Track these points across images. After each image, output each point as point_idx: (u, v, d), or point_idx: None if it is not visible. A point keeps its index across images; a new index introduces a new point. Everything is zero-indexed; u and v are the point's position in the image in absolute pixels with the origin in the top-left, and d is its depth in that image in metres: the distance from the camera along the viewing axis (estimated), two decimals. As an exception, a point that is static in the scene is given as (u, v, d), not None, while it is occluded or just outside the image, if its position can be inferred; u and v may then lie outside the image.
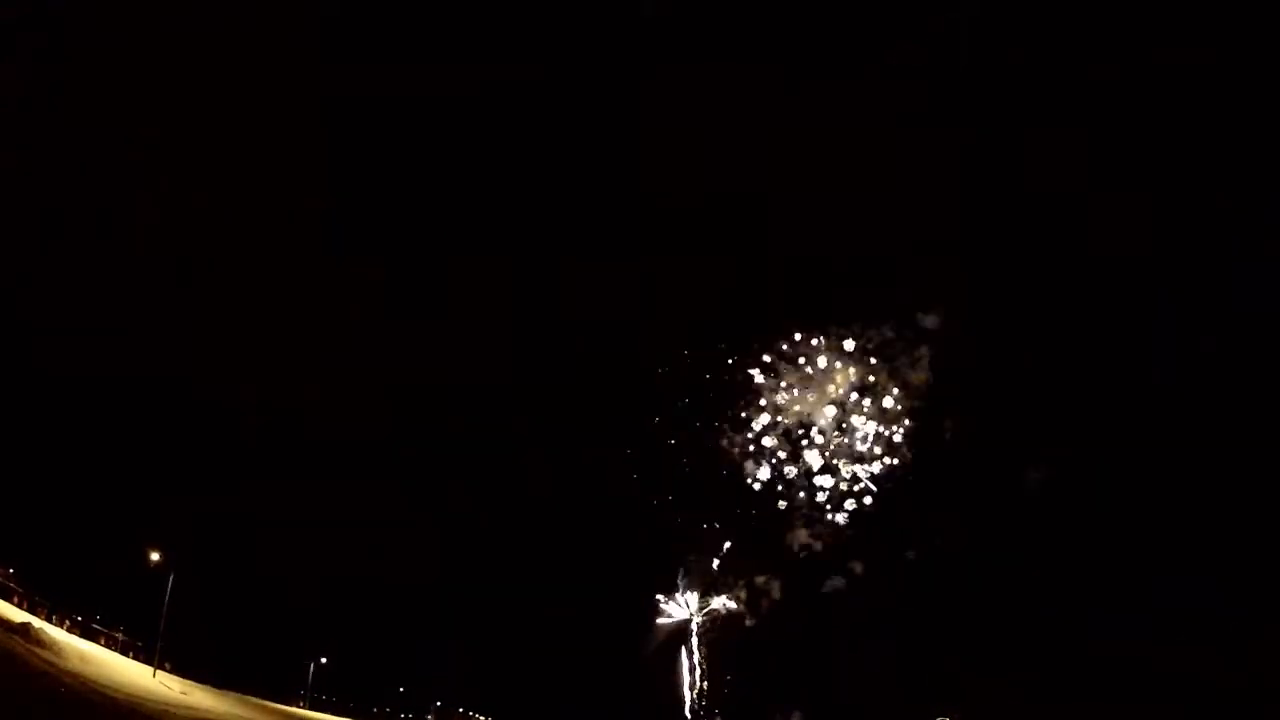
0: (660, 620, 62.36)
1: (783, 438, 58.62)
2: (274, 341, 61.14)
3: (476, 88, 55.30)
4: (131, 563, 52.44)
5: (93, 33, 50.72)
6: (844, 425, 56.94)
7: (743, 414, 58.76)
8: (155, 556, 51.53)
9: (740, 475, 59.53)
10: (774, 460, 58.84)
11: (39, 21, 48.24)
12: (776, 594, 59.17)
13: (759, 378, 58.15)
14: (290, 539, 68.19)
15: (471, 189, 60.32)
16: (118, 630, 55.13)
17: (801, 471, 58.14)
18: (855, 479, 56.15)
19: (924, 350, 53.87)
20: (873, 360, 55.78)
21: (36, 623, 43.96)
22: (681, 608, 62.00)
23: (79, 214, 55.69)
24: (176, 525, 57.03)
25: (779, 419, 58.14)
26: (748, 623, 59.44)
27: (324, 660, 72.45)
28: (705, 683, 60.30)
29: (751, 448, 59.10)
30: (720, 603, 61.09)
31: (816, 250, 52.32)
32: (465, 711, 78.68)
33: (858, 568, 55.79)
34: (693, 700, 60.56)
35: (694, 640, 61.49)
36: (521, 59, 53.93)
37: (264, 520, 67.85)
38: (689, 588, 61.95)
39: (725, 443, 59.44)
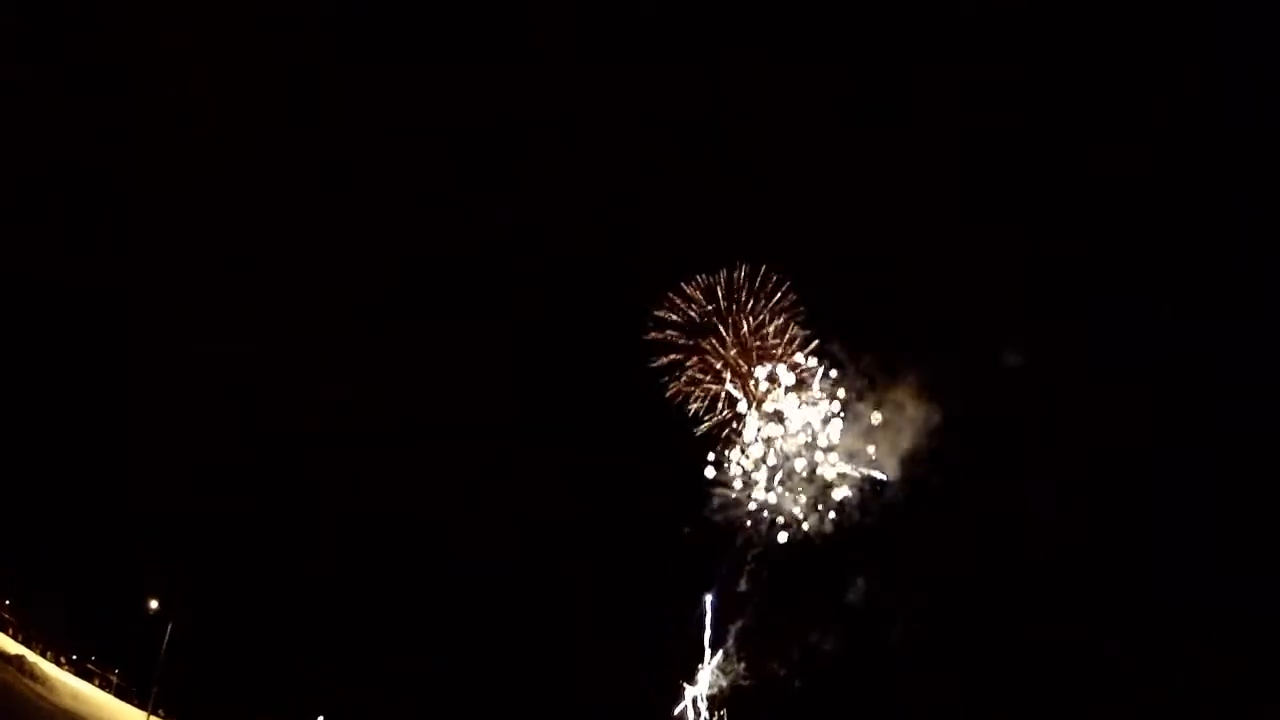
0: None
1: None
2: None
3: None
4: (130, 606, 51.50)
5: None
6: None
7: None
8: (154, 604, 50.58)
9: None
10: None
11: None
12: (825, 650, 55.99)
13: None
14: (293, 591, 66.98)
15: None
16: (112, 672, 53.71)
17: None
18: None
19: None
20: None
21: (31, 656, 43.06)
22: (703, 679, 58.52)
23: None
24: (178, 572, 56.08)
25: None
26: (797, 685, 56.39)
27: (321, 718, 70.40)
28: None
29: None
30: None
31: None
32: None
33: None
34: None
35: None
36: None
37: (266, 571, 66.78)
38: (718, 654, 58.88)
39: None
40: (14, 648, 43.26)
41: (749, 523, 56.29)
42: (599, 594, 55.47)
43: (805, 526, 55.12)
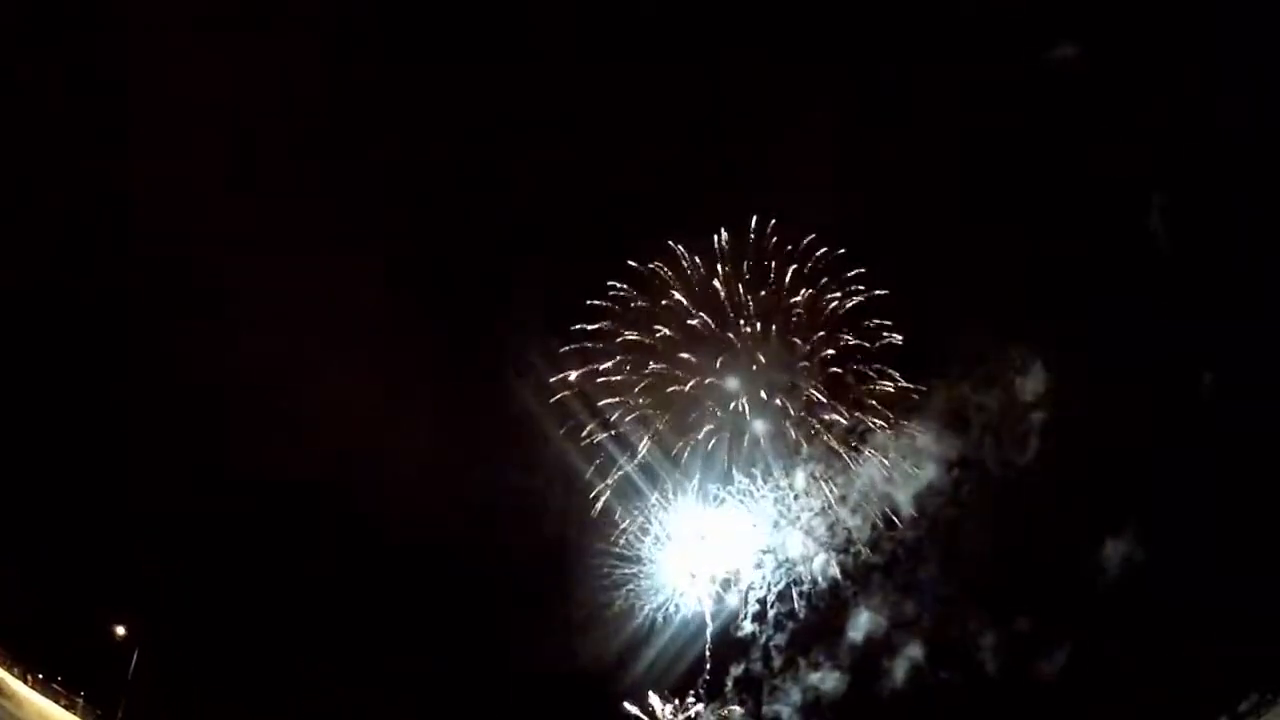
0: None
1: None
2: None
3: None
4: (98, 630, 51.23)
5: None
6: None
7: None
8: (120, 630, 50.47)
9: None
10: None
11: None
12: None
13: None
14: (293, 591, 66.51)
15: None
16: (78, 694, 53.68)
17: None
18: None
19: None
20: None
21: (-1, 670, 42.93)
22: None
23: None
24: (148, 598, 55.80)
25: None
26: None
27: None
28: None
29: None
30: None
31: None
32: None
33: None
34: None
35: None
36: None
37: (265, 571, 66.34)
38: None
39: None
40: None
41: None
42: (598, 594, 55.64)
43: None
